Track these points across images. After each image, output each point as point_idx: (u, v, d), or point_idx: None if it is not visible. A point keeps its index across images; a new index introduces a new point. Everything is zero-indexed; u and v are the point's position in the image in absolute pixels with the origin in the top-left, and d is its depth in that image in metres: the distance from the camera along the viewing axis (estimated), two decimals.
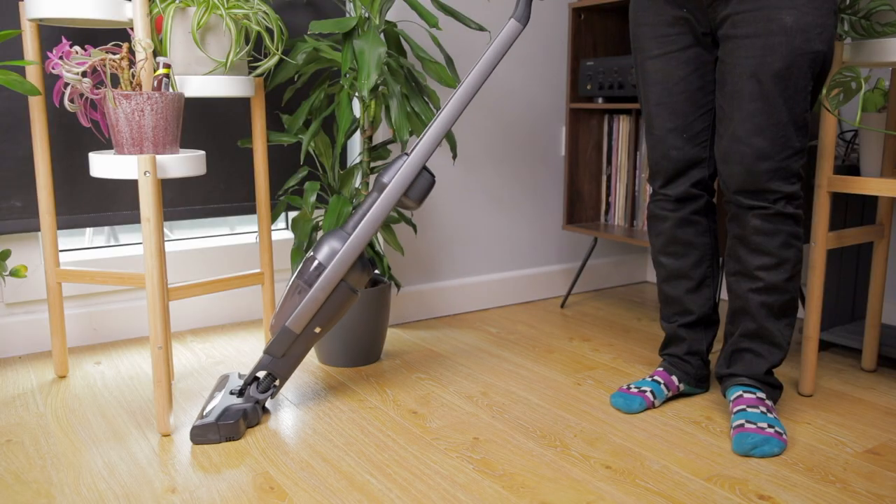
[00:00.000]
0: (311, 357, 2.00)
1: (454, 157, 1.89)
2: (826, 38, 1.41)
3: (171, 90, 1.55)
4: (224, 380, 1.69)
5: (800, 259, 1.53)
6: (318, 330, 1.59)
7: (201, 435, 1.48)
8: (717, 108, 1.53)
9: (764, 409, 1.51)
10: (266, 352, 1.59)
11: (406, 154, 1.57)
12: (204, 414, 1.52)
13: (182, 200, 2.13)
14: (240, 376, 1.70)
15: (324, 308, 1.57)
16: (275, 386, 1.62)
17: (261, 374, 1.65)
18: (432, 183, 1.58)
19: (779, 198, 1.48)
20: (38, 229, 1.94)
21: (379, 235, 2.13)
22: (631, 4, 1.63)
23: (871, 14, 1.53)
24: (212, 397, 1.61)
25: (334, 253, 1.56)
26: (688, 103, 1.58)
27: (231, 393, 1.61)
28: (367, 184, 1.93)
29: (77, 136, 1.96)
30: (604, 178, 2.54)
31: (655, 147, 1.63)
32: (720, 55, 1.50)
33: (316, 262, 1.56)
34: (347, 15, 2.20)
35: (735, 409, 1.53)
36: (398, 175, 1.55)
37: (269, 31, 1.98)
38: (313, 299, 1.56)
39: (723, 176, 1.53)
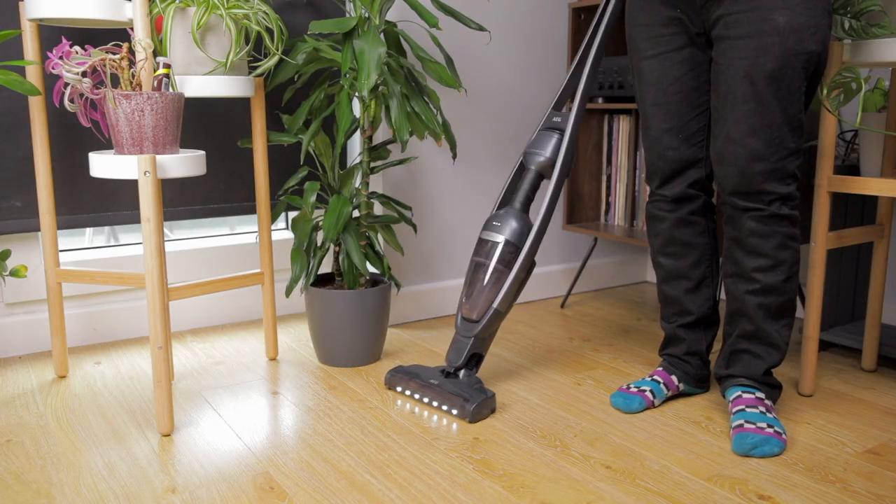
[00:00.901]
0: (311, 357, 2.00)
1: (454, 157, 1.89)
2: (819, 39, 1.41)
3: (171, 90, 1.55)
4: (409, 372, 1.73)
5: (797, 260, 1.53)
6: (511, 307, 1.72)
7: (480, 412, 1.59)
8: (712, 108, 1.53)
9: (763, 409, 1.51)
10: (476, 336, 1.67)
11: (556, 130, 1.68)
12: (458, 396, 1.60)
13: (182, 200, 2.13)
14: (406, 368, 1.75)
15: (522, 285, 1.67)
16: (479, 361, 1.72)
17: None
18: (575, 156, 1.73)
19: (774, 199, 1.48)
20: (38, 229, 1.94)
21: (379, 235, 2.13)
22: (626, 5, 1.64)
23: (862, 14, 1.53)
24: (431, 385, 1.66)
25: (522, 233, 1.65)
26: (683, 103, 1.58)
27: (447, 378, 1.68)
28: (367, 184, 1.93)
29: (77, 136, 1.96)
30: (604, 178, 2.54)
31: (652, 147, 1.63)
32: (714, 56, 1.50)
33: (508, 244, 1.64)
34: (347, 15, 2.20)
35: (734, 410, 1.53)
36: (563, 153, 1.66)
37: (269, 31, 1.98)
38: (517, 280, 1.64)
39: (718, 177, 1.53)
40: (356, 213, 1.96)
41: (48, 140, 1.72)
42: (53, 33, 1.87)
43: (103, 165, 1.49)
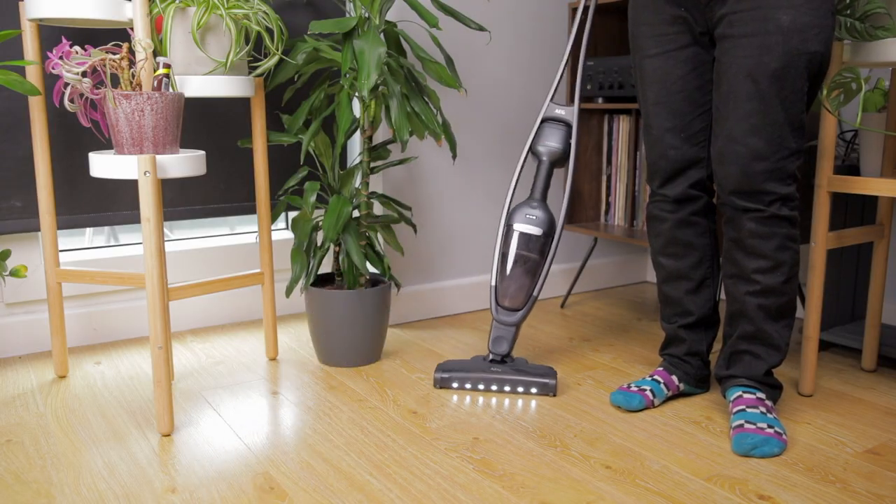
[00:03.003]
0: (311, 357, 2.00)
1: (454, 157, 1.89)
2: (823, 39, 1.41)
3: (171, 90, 1.55)
4: (459, 367, 1.78)
5: (796, 261, 1.53)
6: None
7: (553, 388, 1.73)
8: (714, 107, 1.52)
9: (764, 410, 1.51)
10: (517, 324, 1.78)
11: (562, 122, 1.81)
12: (532, 376, 1.73)
13: (182, 200, 2.13)
14: (457, 362, 1.80)
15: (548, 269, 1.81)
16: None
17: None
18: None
19: (774, 199, 1.48)
20: (38, 229, 1.94)
21: (379, 235, 2.13)
22: (630, 3, 1.63)
23: (867, 16, 1.53)
24: (495, 373, 1.74)
25: (552, 223, 1.78)
26: (686, 103, 1.58)
27: (508, 364, 1.77)
28: (367, 184, 1.93)
29: (77, 136, 1.96)
30: (604, 178, 2.54)
31: (653, 147, 1.63)
32: (717, 54, 1.50)
33: (543, 236, 1.76)
34: (347, 15, 2.20)
35: (735, 410, 1.53)
36: (574, 144, 1.81)
37: (269, 31, 1.98)
38: (548, 266, 1.79)
39: (718, 177, 1.53)
40: (356, 213, 1.96)
41: (48, 140, 1.72)
42: (53, 33, 1.87)
43: (103, 165, 1.49)
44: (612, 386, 1.81)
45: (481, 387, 1.74)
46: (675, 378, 1.70)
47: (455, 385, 1.76)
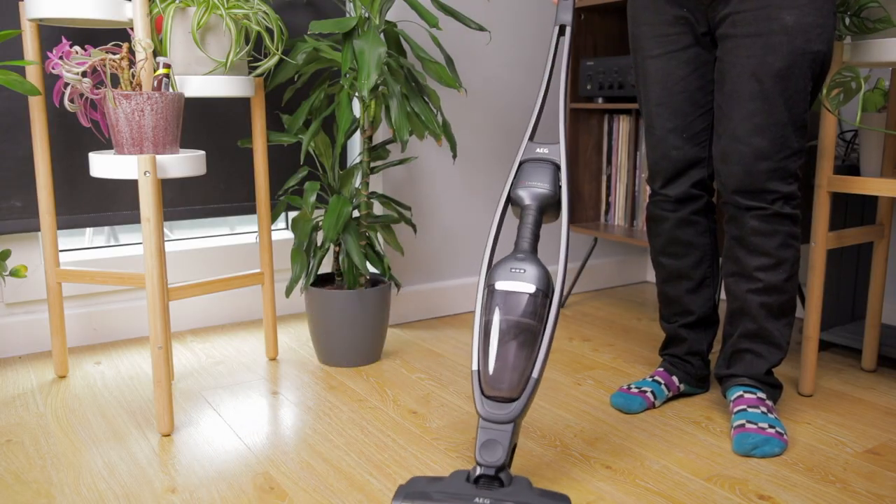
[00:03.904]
0: (311, 357, 2.00)
1: (454, 156, 1.89)
2: (826, 39, 1.41)
3: (171, 90, 1.55)
4: (431, 488, 1.20)
5: (798, 259, 1.53)
6: None
7: None
8: (716, 107, 1.52)
9: (764, 410, 1.51)
10: (515, 420, 1.25)
11: (548, 162, 1.40)
12: None
13: (182, 200, 2.13)
14: (422, 485, 1.22)
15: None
16: (513, 449, 1.29)
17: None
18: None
19: (777, 198, 1.48)
20: (38, 229, 1.94)
21: (379, 235, 2.13)
22: (629, 4, 1.63)
23: (862, 10, 1.54)
24: (469, 502, 1.17)
25: (547, 278, 1.32)
26: (688, 103, 1.58)
27: (486, 484, 1.21)
28: (367, 184, 1.93)
29: (77, 136, 1.96)
30: (604, 178, 2.54)
31: (655, 147, 1.63)
32: (719, 54, 1.50)
33: (539, 294, 1.30)
34: (347, 15, 2.20)
35: (735, 410, 1.53)
36: (566, 187, 1.39)
37: (269, 31, 1.98)
38: (550, 336, 1.31)
39: (721, 176, 1.53)
40: (356, 213, 1.96)
41: (48, 140, 1.72)
42: (53, 33, 1.87)
43: (103, 165, 1.49)
44: (612, 386, 1.81)
45: None
46: (675, 378, 1.70)
47: None
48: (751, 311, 1.55)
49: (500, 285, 1.32)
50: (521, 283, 1.31)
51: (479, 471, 1.22)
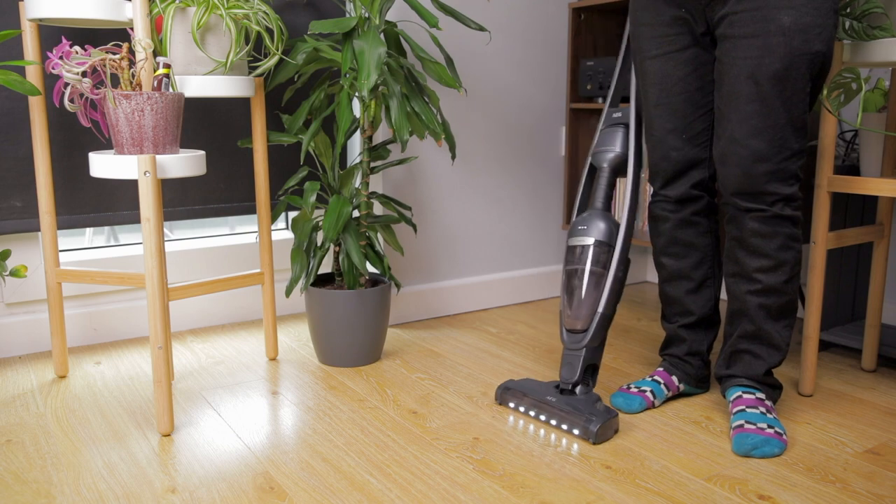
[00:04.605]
0: (311, 357, 2.00)
1: (453, 157, 1.89)
2: (825, 39, 1.40)
3: (171, 90, 1.55)
4: (523, 388, 1.64)
5: (798, 261, 1.53)
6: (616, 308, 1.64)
7: (604, 434, 1.50)
8: (715, 108, 1.52)
9: (764, 410, 1.51)
10: (587, 345, 1.59)
11: (621, 125, 1.65)
12: (579, 415, 1.51)
13: (182, 200, 2.13)
14: (519, 383, 1.66)
15: (623, 283, 1.61)
16: (594, 373, 1.63)
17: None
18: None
19: (777, 200, 1.48)
20: (38, 229, 1.94)
21: (379, 235, 2.13)
22: (630, 4, 1.63)
23: (865, 16, 1.53)
24: (546, 404, 1.58)
25: (611, 231, 1.60)
26: (687, 104, 1.57)
27: (564, 395, 1.58)
28: (367, 184, 1.93)
29: (77, 136, 1.96)
30: None
31: (655, 148, 1.63)
32: (717, 55, 1.49)
33: (601, 245, 1.59)
34: (347, 15, 2.20)
35: (735, 410, 1.53)
36: (633, 147, 1.64)
37: (269, 31, 1.98)
38: (617, 279, 1.58)
39: (720, 177, 1.53)
40: (356, 213, 1.96)
41: (48, 140, 1.72)
42: (53, 33, 1.87)
43: (103, 165, 1.49)
44: (612, 386, 1.81)
45: (532, 413, 1.61)
46: (675, 379, 1.70)
47: (511, 405, 1.65)
48: (750, 312, 1.55)
49: (570, 241, 1.65)
50: (583, 238, 1.62)
51: (560, 385, 1.61)
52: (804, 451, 1.47)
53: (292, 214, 2.46)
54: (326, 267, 2.39)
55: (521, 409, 1.63)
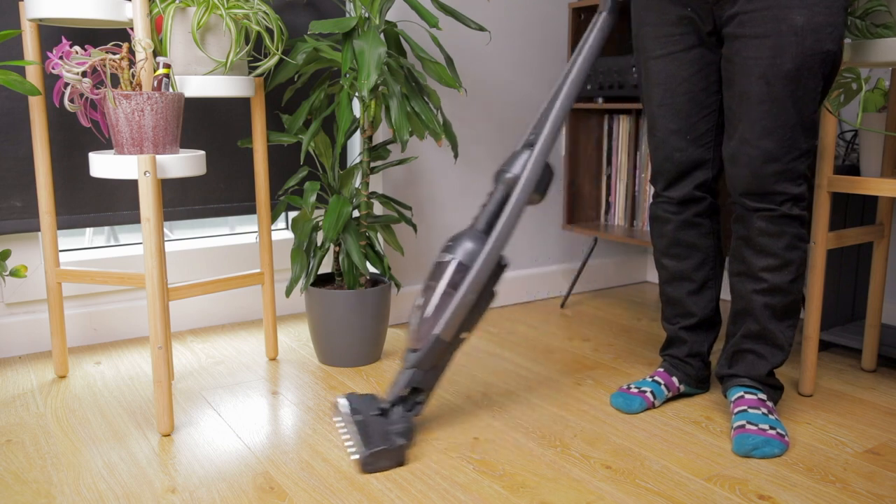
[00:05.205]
0: (311, 357, 2.00)
1: (456, 156, 1.89)
2: (836, 38, 1.39)
3: (171, 90, 1.55)
4: (347, 406, 1.52)
5: (804, 260, 1.52)
6: (464, 336, 1.49)
7: (373, 463, 1.37)
8: (726, 108, 1.50)
9: (765, 411, 1.51)
10: (414, 366, 1.47)
11: (529, 146, 1.52)
12: (362, 440, 1.40)
13: (182, 200, 2.13)
14: (354, 397, 1.55)
15: (472, 312, 1.48)
16: (421, 400, 1.51)
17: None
18: (552, 175, 1.54)
19: (785, 199, 1.47)
20: (38, 229, 1.94)
21: (379, 235, 2.13)
22: (633, 4, 1.62)
23: (867, 14, 1.53)
24: (352, 421, 1.46)
25: (475, 254, 1.47)
26: (691, 104, 1.56)
27: (374, 415, 1.48)
28: (367, 184, 1.93)
29: (77, 136, 1.96)
30: (604, 178, 2.54)
31: (658, 149, 1.62)
32: (726, 54, 1.48)
33: (459, 265, 1.46)
34: (347, 15, 2.20)
35: (736, 410, 1.53)
36: (529, 170, 1.49)
37: (269, 31, 1.98)
38: (464, 303, 1.45)
39: (729, 177, 1.52)
40: (356, 213, 1.96)
41: (48, 140, 1.72)
42: (53, 33, 1.87)
43: (103, 165, 1.49)
44: (612, 386, 1.81)
45: (341, 431, 1.51)
46: (675, 379, 1.70)
47: (334, 419, 1.57)
48: (755, 312, 1.54)
49: (437, 256, 1.53)
50: (446, 255, 1.49)
51: (380, 405, 1.49)
52: (804, 451, 1.47)
53: (292, 214, 2.46)
54: (326, 267, 2.39)
55: (338, 425, 1.54)
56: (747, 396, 1.55)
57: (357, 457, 1.39)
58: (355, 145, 2.34)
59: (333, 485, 1.33)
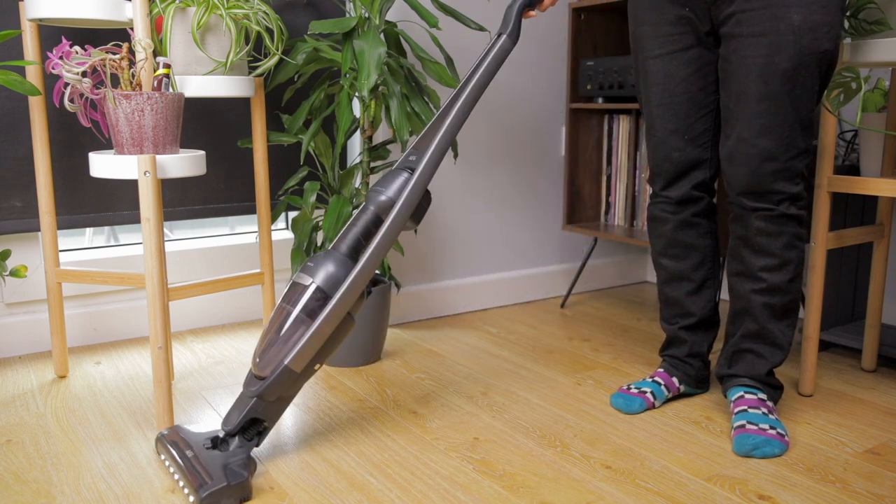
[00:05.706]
0: None
1: (455, 156, 1.89)
2: (833, 37, 1.39)
3: (171, 90, 1.55)
4: (176, 437, 1.39)
5: (802, 260, 1.52)
6: (317, 367, 1.38)
7: (215, 502, 1.23)
8: (723, 107, 1.51)
9: (765, 410, 1.51)
10: (258, 395, 1.34)
11: (408, 170, 1.41)
12: (198, 477, 1.26)
13: (182, 200, 2.13)
14: (180, 430, 1.41)
15: (328, 342, 1.36)
16: (262, 430, 1.38)
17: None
18: (430, 202, 1.44)
19: (783, 199, 1.48)
20: (38, 229, 1.94)
21: None
22: (630, 3, 1.62)
23: (860, 11, 1.53)
24: (182, 457, 1.32)
25: (337, 281, 1.35)
26: (689, 104, 1.57)
27: (207, 447, 1.34)
28: (367, 184, 1.93)
29: (77, 136, 1.96)
30: (604, 178, 2.54)
31: (657, 149, 1.62)
32: (723, 53, 1.48)
33: (317, 291, 1.35)
34: (347, 15, 2.20)
35: (736, 410, 1.53)
36: (407, 197, 1.38)
37: (269, 31, 1.98)
38: (318, 334, 1.34)
39: (727, 176, 1.52)
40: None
41: (48, 140, 1.72)
42: (53, 33, 1.87)
43: (103, 165, 1.49)
44: (612, 386, 1.81)
45: (171, 470, 1.34)
46: (675, 380, 1.70)
47: (161, 457, 1.39)
48: (753, 312, 1.54)
49: (293, 276, 1.39)
50: (305, 277, 1.36)
51: (217, 434, 1.36)
52: (804, 451, 1.47)
53: (292, 214, 2.46)
54: None
55: (166, 463, 1.36)
56: (747, 396, 1.55)
57: (193, 498, 1.23)
58: (355, 145, 2.34)
59: (333, 485, 1.33)
